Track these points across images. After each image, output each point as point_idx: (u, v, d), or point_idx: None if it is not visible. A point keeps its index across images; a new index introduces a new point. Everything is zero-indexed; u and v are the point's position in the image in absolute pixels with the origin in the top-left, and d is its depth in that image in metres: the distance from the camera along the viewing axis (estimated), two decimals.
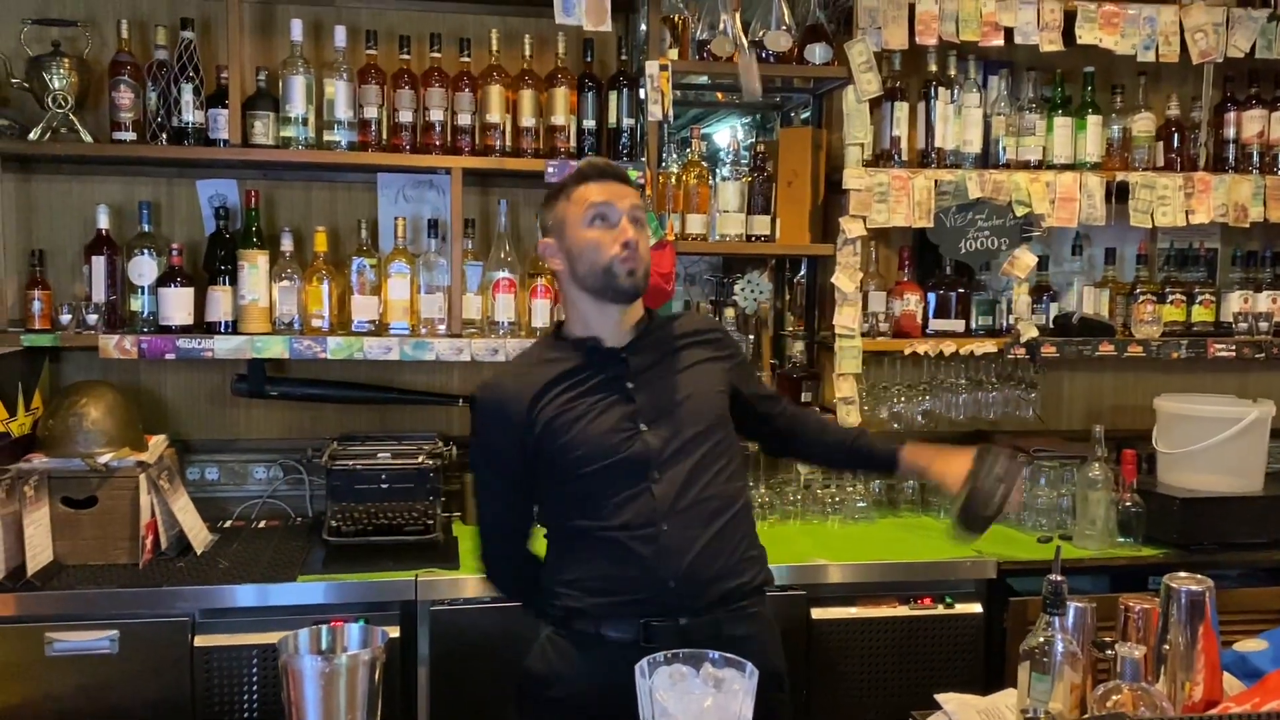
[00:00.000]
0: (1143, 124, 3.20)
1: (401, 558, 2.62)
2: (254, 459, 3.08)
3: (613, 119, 2.97)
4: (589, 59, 3.00)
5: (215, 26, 2.95)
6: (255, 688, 2.42)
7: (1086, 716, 1.52)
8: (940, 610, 2.72)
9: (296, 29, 2.82)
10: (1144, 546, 2.86)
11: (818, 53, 2.99)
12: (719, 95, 3.48)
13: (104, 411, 2.65)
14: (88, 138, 2.76)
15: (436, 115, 2.88)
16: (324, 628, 1.13)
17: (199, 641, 2.41)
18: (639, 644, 1.77)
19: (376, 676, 1.07)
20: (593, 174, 1.96)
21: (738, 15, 3.00)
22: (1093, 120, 3.14)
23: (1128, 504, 2.88)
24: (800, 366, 3.19)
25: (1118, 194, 3.13)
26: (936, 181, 3.03)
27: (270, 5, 3.02)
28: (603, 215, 1.90)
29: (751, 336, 3.17)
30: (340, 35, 2.85)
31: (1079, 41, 3.06)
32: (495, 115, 2.90)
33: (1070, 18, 3.05)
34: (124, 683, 2.38)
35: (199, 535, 2.71)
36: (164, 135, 2.78)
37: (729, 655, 1.18)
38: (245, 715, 2.42)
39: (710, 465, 1.91)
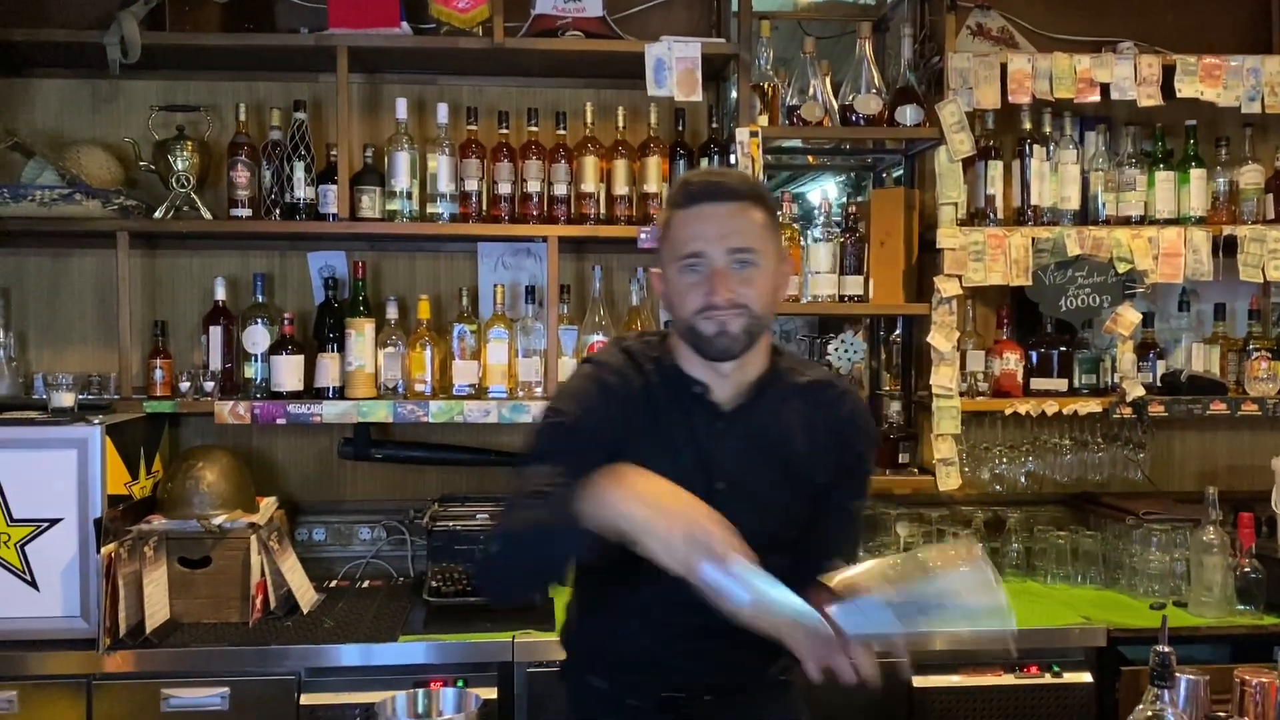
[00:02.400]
0: (1250, 176, 3.11)
1: (499, 619, 2.65)
2: (359, 520, 3.18)
3: None
4: (681, 128, 3.07)
5: (325, 106, 3.11)
6: None
7: None
8: (1048, 679, 2.63)
9: (401, 107, 2.95)
10: (1266, 615, 2.73)
11: (909, 114, 3.00)
12: (810, 159, 3.51)
13: (219, 475, 2.77)
14: (207, 215, 2.92)
15: (534, 186, 2.97)
16: (420, 692, 1.17)
17: (305, 700, 2.47)
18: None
19: None
20: (689, 198, 1.62)
21: (827, 80, 3.05)
22: (1196, 174, 3.07)
23: (1246, 569, 2.76)
24: (897, 427, 3.15)
25: (1225, 248, 3.04)
26: (1033, 239, 2.99)
27: (376, 85, 3.16)
28: (692, 263, 1.60)
29: None
30: (442, 112, 2.97)
31: (1179, 95, 3.00)
32: (590, 185, 2.98)
33: (1169, 71, 3.00)
34: None
35: (306, 595, 2.80)
36: (277, 211, 2.93)
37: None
38: None
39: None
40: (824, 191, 3.62)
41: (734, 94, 3.01)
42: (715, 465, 1.63)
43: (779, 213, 3.05)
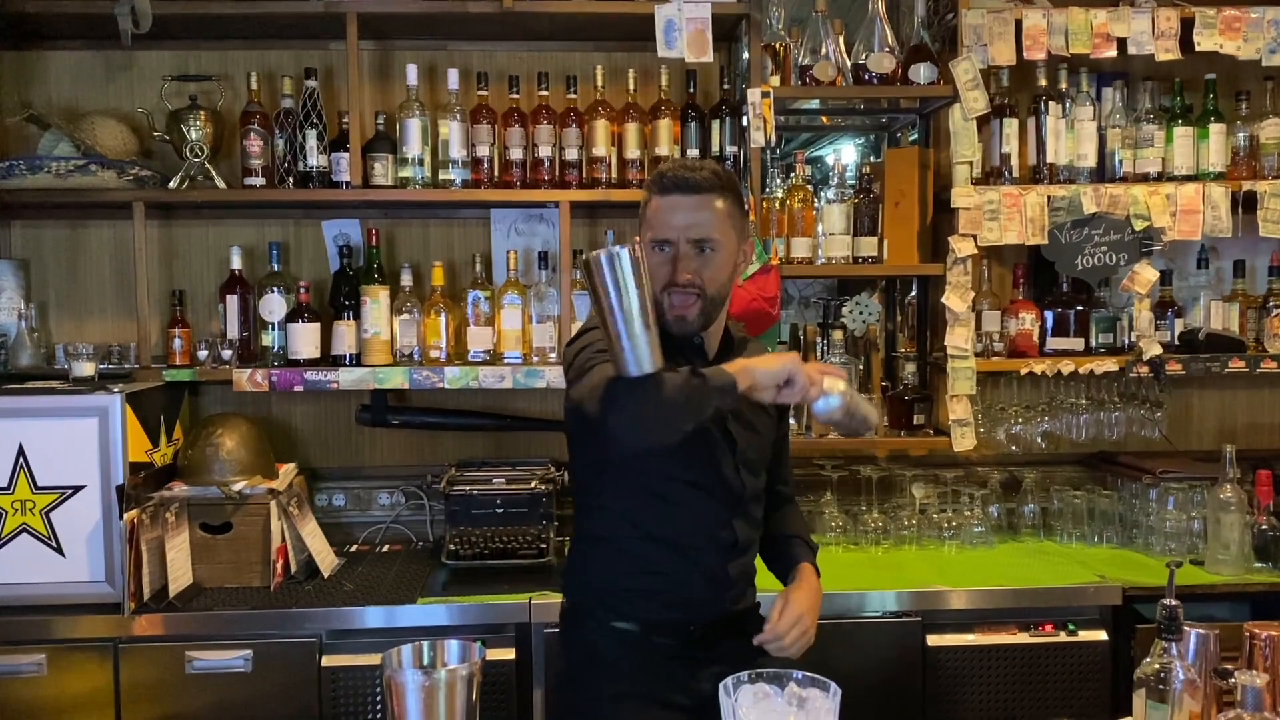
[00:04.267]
0: (1271, 130, 3.06)
1: (516, 581, 2.68)
2: (377, 485, 3.21)
3: (716, 147, 3.00)
4: (692, 90, 3.05)
5: (336, 74, 3.11)
6: (379, 706, 2.50)
7: None
8: (1063, 637, 2.64)
9: (412, 73, 2.95)
10: None
11: (922, 72, 2.97)
12: (824, 119, 3.48)
13: (238, 442, 2.80)
14: (222, 184, 2.93)
15: (545, 151, 2.97)
16: (425, 643, 1.19)
17: (326, 661, 2.52)
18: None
19: (474, 691, 1.11)
20: (663, 187, 1.86)
21: (840, 39, 3.02)
22: (1216, 129, 3.03)
23: (1264, 527, 2.75)
24: (912, 389, 3.15)
25: (1245, 204, 3.01)
26: (1049, 198, 2.96)
27: (387, 51, 3.16)
28: (659, 245, 1.85)
29: (862, 359, 3.15)
30: (453, 78, 2.96)
31: (1198, 49, 2.96)
32: (601, 149, 2.97)
33: (1187, 25, 2.95)
34: (257, 700, 2.50)
35: (326, 559, 2.83)
36: (290, 179, 2.94)
37: (813, 675, 1.18)
38: None
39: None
40: (838, 152, 3.60)
41: (745, 54, 2.99)
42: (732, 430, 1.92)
43: (793, 174, 3.08)
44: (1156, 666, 1.50)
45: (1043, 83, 3.03)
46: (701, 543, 1.91)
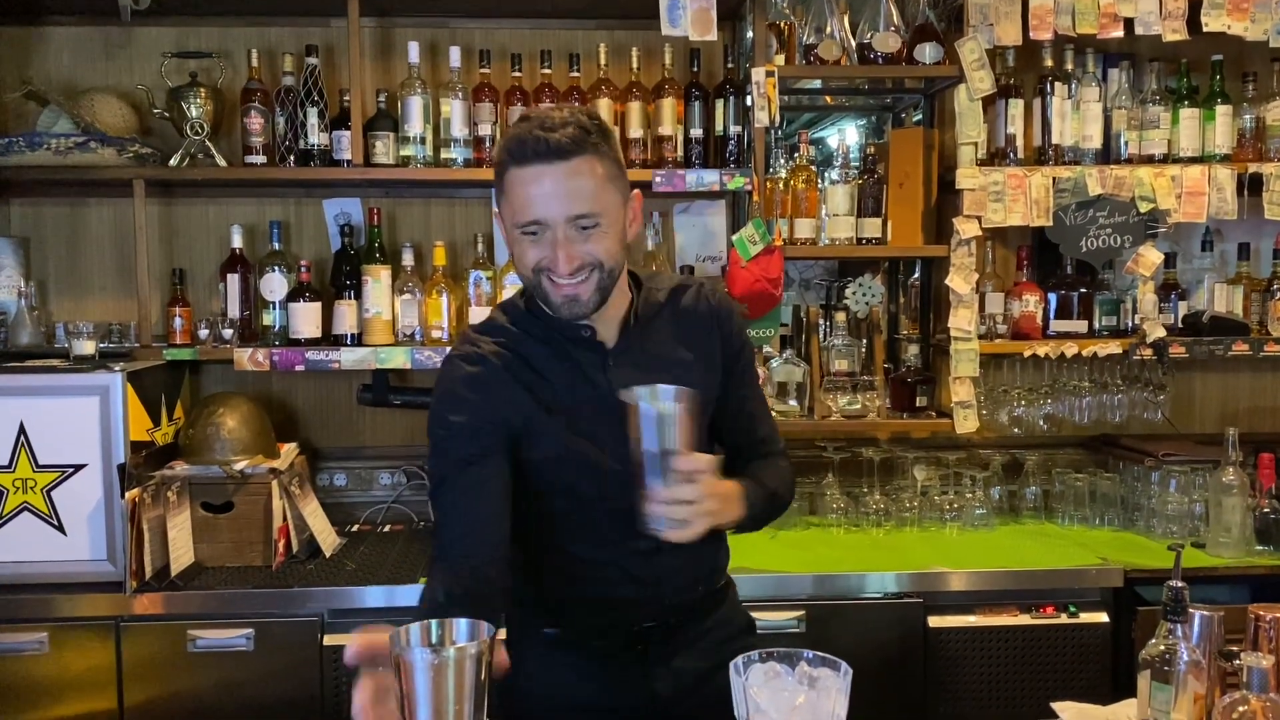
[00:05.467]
0: (1278, 112, 3.04)
1: None
2: (379, 465, 3.20)
3: (720, 127, 2.99)
4: (695, 68, 3.03)
5: (337, 51, 3.09)
6: None
7: None
8: (1064, 619, 2.64)
9: (414, 51, 2.93)
10: None
11: (928, 52, 2.95)
12: (828, 99, 3.46)
13: (239, 421, 2.80)
14: (222, 162, 2.91)
15: None
16: (434, 622, 1.18)
17: (328, 640, 2.51)
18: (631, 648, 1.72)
19: (483, 670, 1.11)
20: (522, 156, 1.51)
21: (845, 18, 3.00)
22: (1222, 110, 3.01)
23: (1266, 510, 2.75)
24: (915, 371, 3.14)
25: (1250, 186, 2.99)
26: (1054, 179, 2.95)
27: (388, 28, 3.14)
28: (533, 230, 1.53)
29: (864, 341, 3.14)
30: (455, 55, 2.94)
31: (1205, 29, 2.93)
32: None
33: (1195, 5, 2.93)
34: (259, 679, 2.50)
35: (328, 539, 2.83)
36: (291, 158, 2.92)
37: (823, 654, 1.18)
38: None
39: None
40: (841, 133, 3.58)
41: (750, 33, 2.96)
42: (619, 402, 1.61)
43: (797, 154, 3.05)
44: (1161, 648, 1.49)
45: (1049, 63, 3.01)
46: (613, 552, 1.68)
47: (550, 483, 1.66)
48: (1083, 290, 3.07)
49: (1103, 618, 2.64)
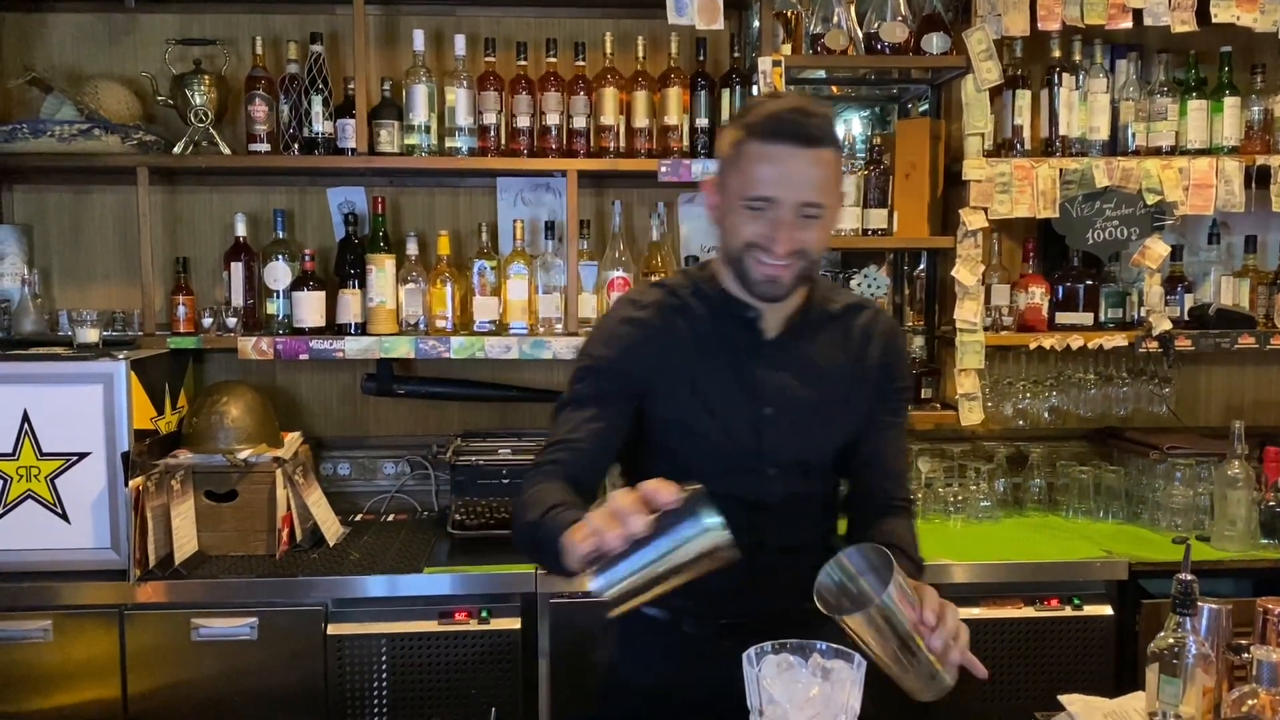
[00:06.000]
0: None
1: None
2: (383, 455, 3.20)
3: (726, 117, 2.97)
4: (702, 58, 3.01)
5: (342, 39, 3.07)
6: (385, 674, 2.51)
7: None
8: (1068, 612, 2.64)
9: (419, 39, 2.92)
10: None
11: (935, 42, 2.93)
12: (834, 89, 3.45)
13: (243, 410, 2.79)
14: (226, 150, 2.90)
15: (553, 119, 2.94)
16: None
17: (332, 630, 2.51)
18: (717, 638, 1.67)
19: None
20: (772, 132, 1.52)
21: (852, 7, 2.99)
22: (1230, 102, 2.99)
23: (1271, 503, 2.75)
24: (920, 362, 3.13)
25: (1258, 179, 2.98)
26: (1061, 170, 2.94)
27: (393, 16, 3.12)
28: (759, 206, 1.55)
29: None
30: (460, 44, 2.93)
31: (1214, 20, 2.91)
32: (609, 117, 2.94)
33: None
34: (263, 668, 2.50)
35: (331, 528, 2.83)
36: (296, 146, 2.91)
37: (837, 646, 1.17)
38: (375, 700, 2.52)
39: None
40: (848, 124, 3.56)
41: (756, 22, 2.95)
42: (762, 390, 1.66)
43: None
44: (1170, 641, 1.49)
45: (1056, 54, 3.00)
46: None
47: (664, 444, 1.68)
48: (1088, 282, 3.06)
49: (1107, 610, 2.64)
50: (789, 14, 2.97)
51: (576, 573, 1.34)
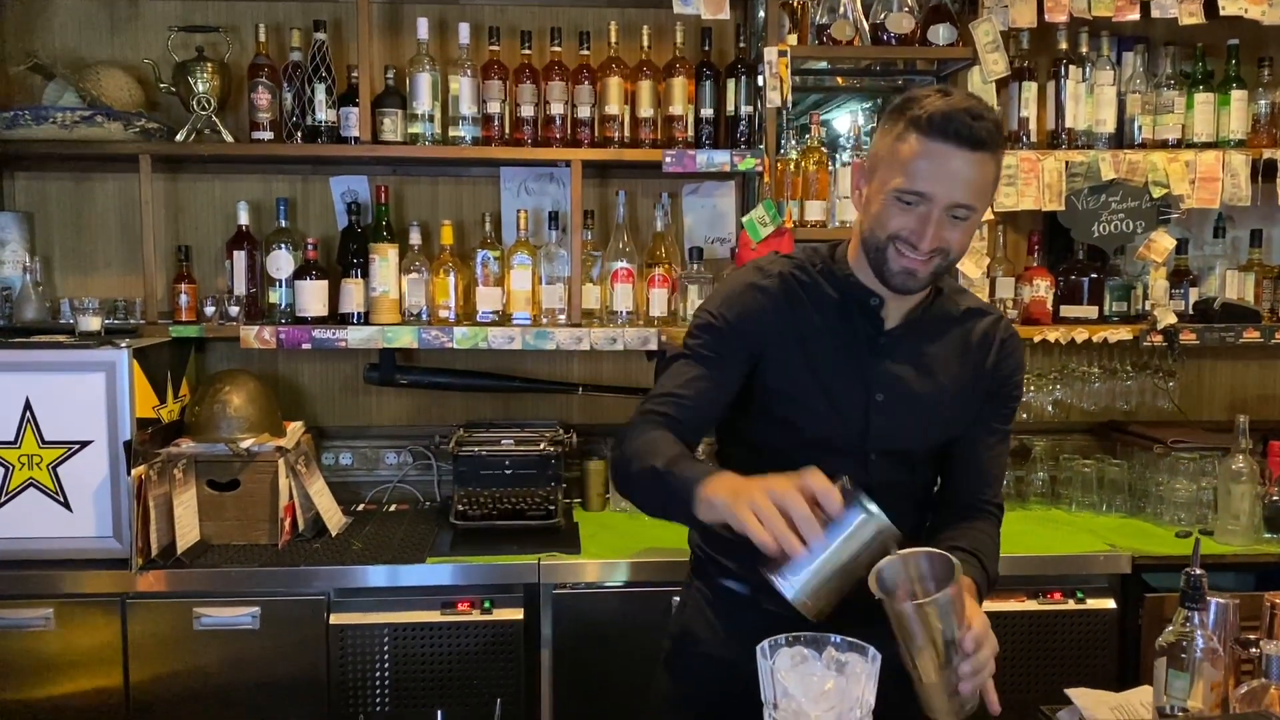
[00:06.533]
0: None
1: (524, 542, 2.67)
2: (385, 445, 3.19)
3: (731, 107, 2.96)
4: (707, 48, 3.00)
5: (346, 27, 3.06)
6: (387, 664, 2.51)
7: (1230, 715, 1.46)
8: (1071, 605, 2.64)
9: (423, 27, 2.90)
10: None
11: (941, 33, 2.92)
12: (839, 80, 3.43)
13: (245, 399, 2.78)
14: (229, 138, 2.89)
15: (557, 109, 2.92)
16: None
17: (334, 619, 2.51)
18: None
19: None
20: (941, 130, 1.50)
21: None
22: (1237, 95, 2.98)
23: (1275, 498, 2.74)
24: None
25: (1265, 173, 2.97)
26: (1067, 163, 2.93)
27: (397, 4, 3.11)
28: (911, 200, 1.54)
29: None
30: (464, 32, 2.91)
31: (1222, 13, 2.90)
32: (614, 107, 2.93)
33: None
34: (265, 657, 2.50)
35: (334, 518, 2.83)
36: (299, 134, 2.89)
37: (851, 639, 1.16)
38: (377, 690, 2.51)
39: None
40: (854, 115, 3.55)
41: (762, 12, 2.94)
42: (876, 377, 1.68)
43: (807, 136, 3.02)
44: (1178, 635, 1.49)
45: (1063, 46, 2.99)
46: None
47: (771, 414, 1.69)
48: (1093, 276, 3.06)
49: (1110, 604, 2.64)
50: (795, 4, 2.95)
51: (702, 522, 1.41)
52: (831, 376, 1.67)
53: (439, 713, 1.52)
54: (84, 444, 2.51)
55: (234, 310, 2.90)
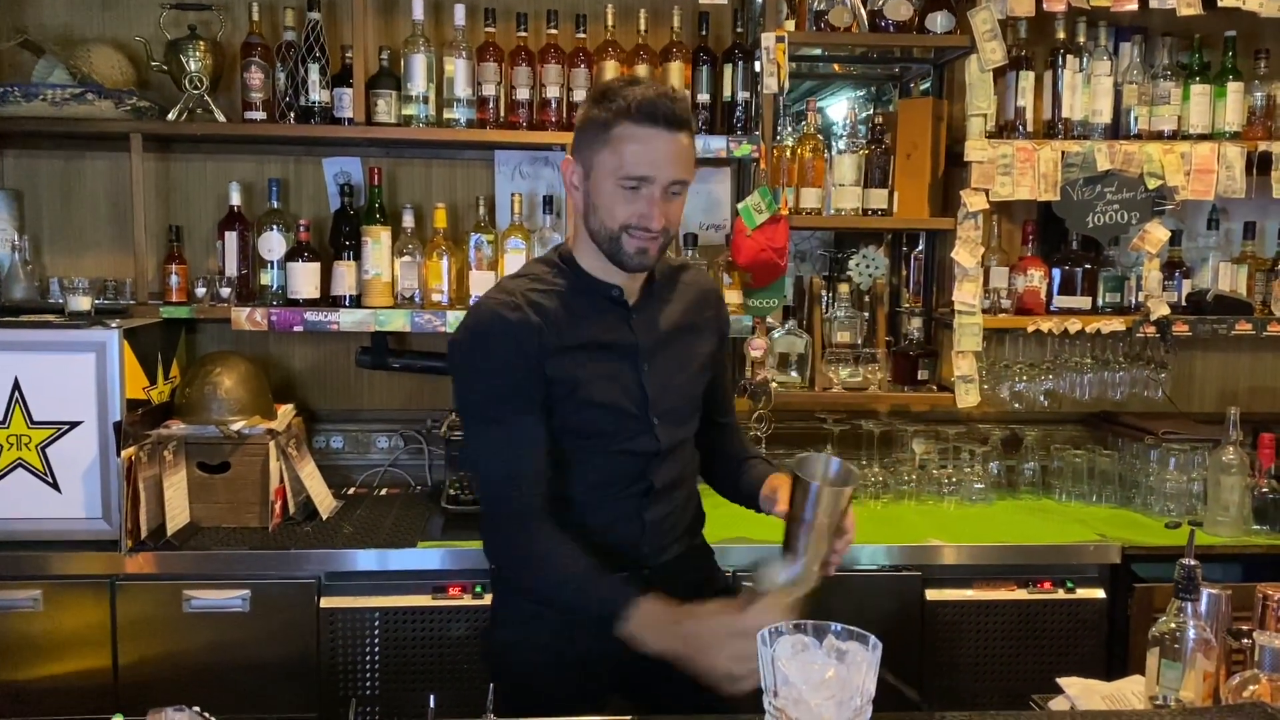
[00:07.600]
0: None
1: None
2: (376, 429, 3.18)
3: (727, 92, 2.95)
4: (704, 32, 2.98)
5: (340, 7, 3.03)
6: (377, 648, 2.50)
7: (1222, 706, 1.47)
8: (1060, 595, 2.64)
9: (418, 8, 2.87)
10: None
11: (939, 21, 2.91)
12: (836, 67, 3.42)
13: (236, 381, 2.77)
14: (221, 117, 2.86)
15: (553, 92, 2.91)
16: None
17: (324, 603, 2.50)
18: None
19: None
20: (647, 116, 1.65)
21: None
22: (1233, 87, 2.98)
23: (1264, 490, 2.75)
24: (917, 344, 3.13)
25: (1259, 165, 2.98)
26: (1063, 153, 2.93)
27: None
28: (635, 186, 1.67)
29: (866, 313, 3.12)
30: (460, 13, 2.89)
31: (1219, 4, 2.90)
32: None
33: None
34: (255, 640, 2.49)
35: (324, 501, 2.81)
36: (292, 115, 2.87)
37: (852, 628, 1.17)
38: (367, 674, 2.51)
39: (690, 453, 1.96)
40: (850, 103, 3.54)
41: None
42: (638, 354, 1.81)
43: (803, 122, 3.01)
44: (1171, 625, 1.49)
45: (1061, 35, 2.98)
46: (605, 494, 1.81)
47: (570, 420, 1.76)
48: (1087, 266, 3.06)
49: (1099, 594, 2.65)
50: None
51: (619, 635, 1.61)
52: (607, 363, 1.78)
53: (431, 696, 1.51)
54: (73, 424, 2.49)
55: (225, 291, 2.88)
